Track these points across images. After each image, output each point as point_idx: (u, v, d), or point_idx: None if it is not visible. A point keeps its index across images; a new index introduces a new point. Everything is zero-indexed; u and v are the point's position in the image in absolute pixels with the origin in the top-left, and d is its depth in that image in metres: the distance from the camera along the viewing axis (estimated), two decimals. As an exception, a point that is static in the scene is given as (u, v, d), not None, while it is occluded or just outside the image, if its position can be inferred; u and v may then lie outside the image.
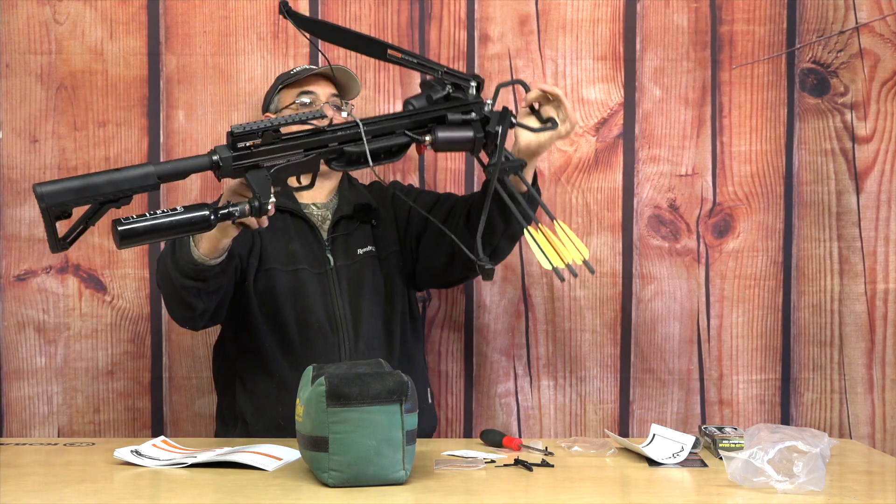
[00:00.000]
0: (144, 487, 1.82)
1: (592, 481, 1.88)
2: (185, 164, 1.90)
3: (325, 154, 1.95)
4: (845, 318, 2.69)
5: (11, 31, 2.62)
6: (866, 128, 2.69)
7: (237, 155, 1.88)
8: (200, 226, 1.85)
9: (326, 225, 2.39)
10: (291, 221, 2.37)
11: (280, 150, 1.90)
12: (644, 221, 2.70)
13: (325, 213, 2.41)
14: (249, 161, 1.88)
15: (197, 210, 1.84)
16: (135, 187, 1.83)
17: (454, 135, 1.96)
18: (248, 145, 1.88)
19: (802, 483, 1.75)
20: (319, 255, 2.34)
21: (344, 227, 2.38)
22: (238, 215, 1.86)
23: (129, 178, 1.83)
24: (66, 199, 1.81)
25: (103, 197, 1.82)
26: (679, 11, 2.68)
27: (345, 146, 1.95)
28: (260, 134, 1.88)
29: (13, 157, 2.64)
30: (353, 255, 2.36)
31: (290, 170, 1.92)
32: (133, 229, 1.81)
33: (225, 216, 1.86)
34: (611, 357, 2.69)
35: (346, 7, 2.66)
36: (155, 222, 1.82)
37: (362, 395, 1.75)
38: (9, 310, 2.63)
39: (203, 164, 1.88)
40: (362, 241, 2.38)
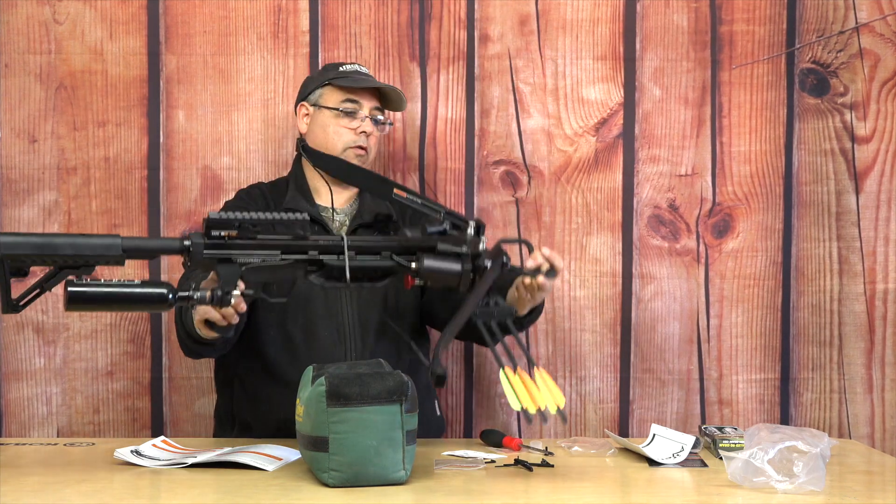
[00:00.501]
0: (144, 487, 1.82)
1: (592, 481, 1.88)
2: (155, 244, 1.86)
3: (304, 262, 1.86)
4: (845, 318, 2.70)
5: (11, 30, 2.62)
6: (866, 128, 2.69)
7: (210, 244, 1.80)
8: (156, 304, 1.75)
9: (344, 230, 2.37)
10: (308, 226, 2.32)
11: (256, 247, 1.83)
12: (644, 221, 2.70)
13: (342, 219, 2.39)
14: (221, 252, 1.81)
15: (155, 287, 1.75)
16: (97, 256, 1.75)
17: (441, 265, 1.86)
18: (222, 235, 1.81)
19: (802, 483, 1.75)
20: None
21: (361, 235, 2.32)
22: (197, 301, 1.77)
23: (93, 245, 1.75)
24: (23, 253, 1.72)
25: (62, 260, 1.74)
26: (679, 11, 2.68)
27: (324, 257, 1.86)
28: (236, 225, 1.81)
29: (12, 158, 2.64)
30: None
31: (265, 273, 1.84)
32: (82, 293, 1.71)
33: (182, 299, 1.76)
34: (611, 357, 2.69)
35: (346, 7, 2.66)
36: (107, 291, 1.72)
37: (362, 395, 1.75)
38: (8, 310, 2.63)
39: (173, 247, 1.81)
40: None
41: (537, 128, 2.68)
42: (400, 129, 2.68)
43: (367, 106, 2.38)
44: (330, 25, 2.66)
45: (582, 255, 2.69)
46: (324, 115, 2.38)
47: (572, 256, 2.69)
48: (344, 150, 2.36)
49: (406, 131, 2.68)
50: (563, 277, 2.68)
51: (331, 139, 2.37)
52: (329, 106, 2.37)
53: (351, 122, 2.37)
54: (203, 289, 1.78)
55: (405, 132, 2.68)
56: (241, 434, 2.28)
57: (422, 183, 2.68)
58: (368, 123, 2.37)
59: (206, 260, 1.81)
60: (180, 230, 2.65)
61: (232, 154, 2.66)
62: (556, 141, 2.69)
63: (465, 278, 1.86)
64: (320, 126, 2.39)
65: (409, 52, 2.67)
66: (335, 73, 2.41)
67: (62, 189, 2.64)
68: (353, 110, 2.37)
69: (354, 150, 2.36)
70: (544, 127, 2.68)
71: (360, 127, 2.36)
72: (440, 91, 2.68)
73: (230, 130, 2.66)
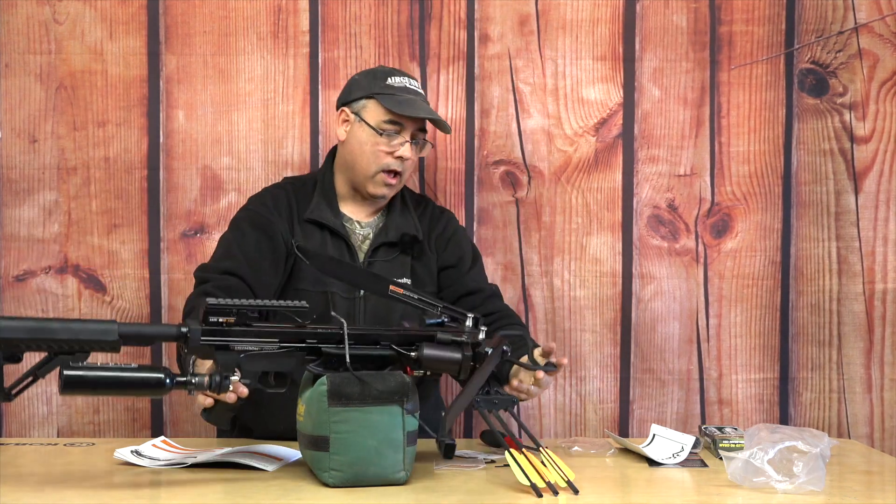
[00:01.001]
0: (144, 487, 1.81)
1: (592, 481, 1.88)
2: (151, 330, 1.84)
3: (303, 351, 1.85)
4: (844, 318, 2.70)
5: (11, 30, 2.62)
6: (865, 128, 2.69)
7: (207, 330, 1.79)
8: (153, 390, 1.74)
9: (366, 245, 2.31)
10: (330, 238, 2.29)
11: (254, 334, 1.82)
12: (643, 221, 2.70)
13: (366, 233, 2.33)
14: (219, 340, 1.80)
15: (152, 372, 1.73)
16: (92, 341, 1.72)
17: (441, 354, 1.86)
18: (220, 321, 1.80)
19: (802, 483, 1.75)
20: None
21: (383, 254, 2.30)
22: (195, 387, 1.76)
23: (88, 330, 1.72)
24: (16, 337, 1.70)
25: (57, 345, 1.71)
26: (678, 12, 2.69)
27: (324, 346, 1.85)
28: (234, 312, 1.80)
29: (12, 157, 2.64)
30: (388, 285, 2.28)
31: (264, 362, 1.83)
32: (78, 378, 1.69)
33: (180, 385, 1.75)
34: (611, 357, 2.70)
35: (346, 7, 2.66)
36: (103, 375, 1.70)
37: (364, 395, 1.75)
38: (8, 310, 2.63)
39: (170, 333, 1.79)
40: (399, 271, 2.29)
41: (537, 128, 2.68)
42: (400, 129, 2.68)
43: (411, 128, 2.28)
44: (330, 25, 2.66)
45: (582, 255, 2.69)
46: (364, 130, 2.28)
47: (572, 256, 2.69)
48: (376, 173, 2.28)
49: (406, 131, 2.68)
50: (563, 277, 2.69)
51: (366, 158, 2.28)
52: (370, 123, 2.27)
53: (390, 142, 2.26)
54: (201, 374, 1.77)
55: (405, 132, 2.68)
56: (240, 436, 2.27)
57: (422, 183, 2.68)
58: (408, 148, 2.27)
59: (204, 347, 1.80)
60: (180, 230, 2.65)
61: (232, 154, 2.66)
62: (555, 141, 2.69)
63: (464, 366, 1.86)
64: (357, 140, 2.29)
65: (409, 52, 2.67)
66: (383, 85, 2.30)
67: (62, 189, 2.64)
68: (397, 131, 2.27)
69: (386, 175, 2.27)
70: (544, 127, 2.68)
71: (399, 151, 2.26)
72: (440, 91, 2.68)
73: (230, 130, 2.66)
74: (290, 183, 2.39)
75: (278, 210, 2.30)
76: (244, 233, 2.28)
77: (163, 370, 1.74)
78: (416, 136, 2.30)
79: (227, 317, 1.80)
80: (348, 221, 2.33)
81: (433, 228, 2.39)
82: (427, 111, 2.29)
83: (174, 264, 2.65)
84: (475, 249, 2.47)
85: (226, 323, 1.80)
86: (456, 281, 2.36)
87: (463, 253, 2.40)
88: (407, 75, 2.35)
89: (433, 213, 2.42)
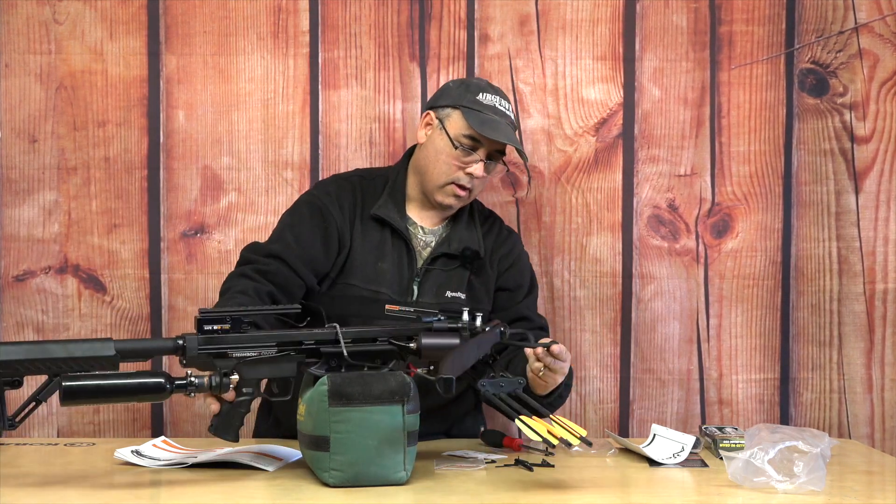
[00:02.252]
0: (144, 487, 1.82)
1: (592, 481, 1.88)
2: (149, 344, 1.87)
3: (301, 353, 1.86)
4: (844, 318, 2.70)
5: (11, 30, 2.62)
6: (865, 128, 2.69)
7: (204, 338, 1.81)
8: (154, 394, 1.77)
9: (426, 252, 2.27)
10: (391, 238, 2.25)
11: (250, 339, 1.84)
12: (643, 221, 2.70)
13: (428, 240, 2.29)
14: (216, 348, 1.82)
15: (151, 377, 1.77)
16: (90, 358, 1.75)
17: (439, 341, 1.86)
18: (215, 329, 1.82)
19: (803, 483, 1.75)
20: (406, 284, 2.23)
21: (442, 264, 2.26)
22: (195, 389, 1.79)
23: (85, 349, 1.75)
24: (15, 359, 1.73)
25: (56, 366, 1.73)
26: (678, 12, 2.69)
27: (322, 346, 1.85)
28: (228, 320, 1.82)
29: (13, 157, 2.64)
30: (441, 295, 2.23)
31: (264, 368, 1.84)
32: (78, 388, 1.73)
33: (180, 387, 1.78)
34: (611, 357, 2.69)
35: (346, 7, 2.66)
36: (102, 384, 1.74)
37: (364, 395, 1.75)
38: (8, 310, 2.63)
39: (167, 347, 1.82)
40: (455, 284, 2.26)
41: (537, 128, 2.68)
42: (400, 129, 2.68)
43: (489, 147, 2.23)
44: (330, 25, 2.66)
45: (582, 255, 2.69)
46: (443, 139, 2.24)
47: (572, 256, 2.69)
48: (446, 183, 2.24)
49: (406, 131, 2.68)
50: (563, 277, 2.69)
51: (438, 168, 2.24)
52: (450, 133, 2.23)
53: (465, 157, 2.22)
54: (200, 375, 1.79)
55: (405, 132, 2.68)
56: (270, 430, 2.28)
57: (422, 183, 2.69)
58: (481, 167, 2.22)
59: (202, 357, 1.81)
60: (180, 230, 2.65)
61: (232, 154, 2.66)
62: (556, 141, 2.69)
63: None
64: (434, 147, 2.26)
65: (409, 52, 2.67)
66: (472, 99, 2.26)
67: (62, 189, 2.64)
68: (472, 148, 2.23)
69: (455, 187, 2.24)
70: (544, 127, 2.68)
71: (470, 168, 2.22)
72: (440, 91, 2.67)
73: (230, 130, 2.66)
74: (359, 176, 2.35)
75: (340, 201, 2.27)
76: (301, 217, 2.26)
77: (162, 374, 1.76)
78: (494, 156, 2.26)
79: (221, 324, 1.82)
80: (412, 225, 2.29)
81: (498, 248, 2.35)
82: (507, 136, 2.23)
83: (174, 264, 2.65)
84: (533, 278, 2.42)
85: (220, 329, 1.81)
86: (509, 305, 2.33)
87: (522, 279, 2.37)
88: (501, 94, 2.30)
89: (500, 232, 2.39)
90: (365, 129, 2.68)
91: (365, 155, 2.67)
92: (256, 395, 1.85)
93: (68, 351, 1.74)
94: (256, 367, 1.84)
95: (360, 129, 2.67)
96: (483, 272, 2.30)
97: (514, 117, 2.34)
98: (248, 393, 1.84)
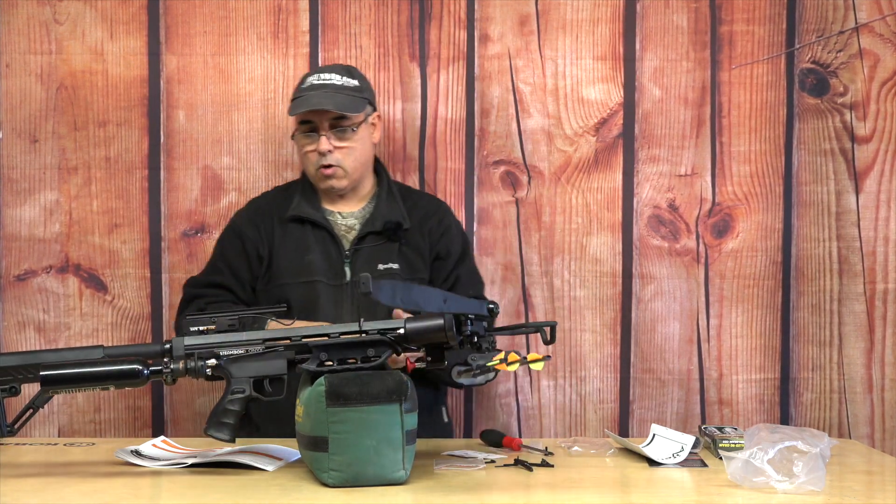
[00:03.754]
0: (144, 487, 1.82)
1: (592, 481, 1.88)
2: (137, 349, 1.91)
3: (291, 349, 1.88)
4: (844, 318, 2.70)
5: (11, 31, 2.63)
6: (866, 128, 2.69)
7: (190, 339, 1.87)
8: (130, 380, 1.82)
9: (351, 235, 2.39)
10: (311, 232, 2.38)
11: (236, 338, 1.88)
12: (644, 221, 2.70)
13: (352, 223, 2.41)
14: (203, 346, 1.87)
15: (127, 363, 1.82)
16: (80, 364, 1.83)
17: (424, 324, 1.86)
18: (201, 329, 1.88)
19: (802, 483, 1.75)
20: (337, 268, 2.35)
21: (370, 241, 2.37)
22: (171, 374, 1.83)
23: (77, 354, 1.86)
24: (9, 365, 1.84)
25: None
26: (679, 11, 2.69)
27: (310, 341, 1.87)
28: (214, 320, 1.89)
29: (13, 157, 2.64)
30: (374, 269, 2.33)
31: (253, 365, 1.87)
32: (55, 376, 1.81)
33: (155, 373, 1.83)
34: (611, 357, 2.70)
35: (346, 7, 2.66)
36: (80, 371, 1.81)
37: (362, 395, 1.75)
38: (9, 310, 2.64)
39: (154, 351, 1.88)
40: (386, 256, 2.36)
41: (537, 128, 2.68)
42: (400, 129, 2.68)
43: (324, 120, 2.36)
44: (330, 25, 2.67)
45: (582, 255, 2.69)
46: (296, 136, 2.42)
47: (572, 256, 2.69)
48: (315, 172, 2.38)
49: (406, 131, 2.68)
50: (563, 277, 2.69)
51: (305, 163, 2.43)
52: (294, 131, 2.41)
53: (311, 143, 2.37)
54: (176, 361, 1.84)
55: (405, 132, 2.68)
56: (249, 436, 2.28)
57: (422, 183, 2.68)
58: (325, 142, 2.35)
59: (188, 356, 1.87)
60: (181, 230, 2.66)
61: (232, 154, 2.66)
62: (556, 141, 2.69)
63: (449, 328, 1.84)
64: (296, 146, 2.45)
65: (409, 52, 2.67)
66: (297, 90, 2.41)
67: (63, 189, 2.64)
68: (312, 129, 2.37)
69: (322, 170, 2.37)
70: (544, 127, 2.68)
71: (318, 147, 2.35)
72: (440, 91, 2.68)
73: (230, 130, 2.67)
74: (275, 189, 2.53)
75: (255, 220, 2.42)
76: (223, 246, 2.44)
77: (139, 361, 1.82)
78: (336, 125, 2.36)
79: (207, 325, 1.89)
80: (330, 214, 2.40)
81: (427, 219, 2.44)
82: (312, 103, 2.32)
83: (175, 264, 2.65)
84: (466, 246, 2.50)
85: (207, 330, 1.88)
86: (444, 272, 2.42)
87: (453, 247, 2.45)
88: (327, 69, 2.42)
89: (428, 203, 2.49)
90: (365, 129, 2.67)
91: (365, 155, 2.67)
92: (249, 393, 1.86)
93: (61, 358, 1.83)
94: (245, 364, 1.87)
95: (361, 129, 2.67)
96: (414, 242, 2.40)
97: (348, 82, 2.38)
98: (239, 391, 1.86)
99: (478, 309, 1.86)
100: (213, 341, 1.88)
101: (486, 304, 1.87)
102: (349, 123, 2.36)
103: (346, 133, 2.36)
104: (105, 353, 1.85)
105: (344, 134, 2.36)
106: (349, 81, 2.38)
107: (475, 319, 1.87)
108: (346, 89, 2.37)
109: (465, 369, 1.84)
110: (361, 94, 2.39)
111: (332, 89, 2.36)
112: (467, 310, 1.85)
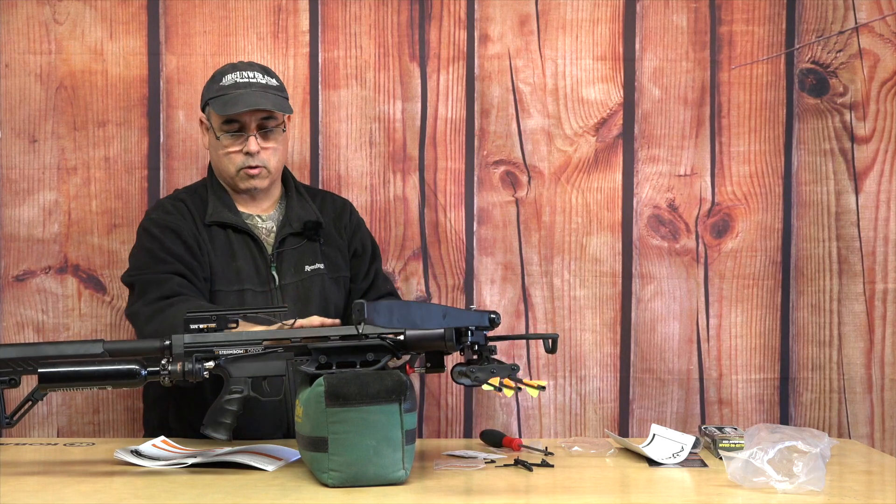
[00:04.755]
0: (144, 487, 1.81)
1: (592, 481, 1.88)
2: (137, 345, 1.91)
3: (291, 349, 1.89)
4: (844, 318, 2.70)
5: (11, 30, 2.62)
6: (865, 128, 2.69)
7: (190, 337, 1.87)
8: (128, 380, 1.82)
9: (272, 238, 2.34)
10: (234, 236, 2.32)
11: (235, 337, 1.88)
12: (643, 221, 2.70)
13: (269, 226, 2.36)
14: (202, 344, 1.87)
15: (126, 363, 1.82)
16: (80, 356, 1.84)
17: (424, 332, 1.86)
18: (200, 328, 1.88)
19: (802, 483, 1.75)
20: (264, 273, 2.31)
21: (291, 244, 2.34)
22: (169, 375, 1.82)
23: (76, 348, 1.86)
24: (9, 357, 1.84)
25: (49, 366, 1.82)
26: (678, 11, 2.69)
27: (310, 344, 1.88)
28: (213, 318, 1.88)
29: (12, 157, 2.64)
30: (301, 271, 2.32)
31: (253, 365, 1.88)
32: (53, 373, 1.81)
33: (154, 374, 1.83)
34: (611, 357, 2.70)
35: (346, 7, 2.66)
36: (78, 370, 1.81)
37: (361, 395, 1.75)
38: (8, 310, 2.63)
39: (154, 347, 1.88)
40: (310, 257, 2.34)
41: (537, 128, 2.68)
42: (400, 130, 2.68)
43: (252, 120, 2.29)
44: (330, 25, 2.67)
45: (582, 255, 2.69)
46: (212, 135, 2.33)
47: (572, 256, 2.69)
48: (237, 172, 2.31)
49: (406, 131, 2.68)
50: (563, 277, 2.69)
51: (223, 162, 2.32)
52: (214, 128, 2.31)
53: (235, 143, 2.30)
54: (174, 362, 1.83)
55: (405, 132, 2.68)
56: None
57: (422, 183, 2.68)
58: (253, 142, 2.29)
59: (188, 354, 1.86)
60: (180, 230, 2.65)
61: (232, 154, 2.66)
62: (555, 141, 2.69)
63: (449, 337, 1.84)
64: (212, 147, 2.35)
65: (409, 52, 2.67)
66: (216, 88, 2.32)
67: (62, 189, 2.64)
68: (237, 130, 2.30)
69: (247, 170, 2.30)
70: (544, 127, 2.68)
71: (246, 147, 2.29)
72: (440, 91, 2.68)
73: (230, 130, 2.66)
74: (183, 192, 2.40)
75: (182, 214, 2.31)
76: (154, 238, 2.28)
77: (136, 361, 1.81)
78: (264, 124, 2.30)
79: (207, 322, 1.87)
80: (248, 218, 2.36)
81: (339, 217, 2.43)
82: (248, 103, 2.26)
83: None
84: (374, 244, 2.49)
85: (206, 328, 1.87)
86: (362, 270, 2.42)
87: (366, 242, 2.46)
88: (247, 67, 2.34)
89: (334, 201, 2.47)
90: (365, 129, 2.68)
91: (365, 155, 2.67)
92: (247, 393, 1.87)
93: (60, 351, 1.84)
94: (244, 364, 1.87)
95: (360, 129, 2.68)
96: (333, 240, 2.39)
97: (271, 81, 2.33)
98: (238, 391, 1.86)
99: (479, 321, 1.85)
100: (213, 340, 1.88)
101: (487, 315, 1.86)
102: (276, 124, 2.32)
103: (273, 133, 2.32)
104: (105, 347, 1.85)
105: (271, 134, 2.31)
106: (271, 81, 2.34)
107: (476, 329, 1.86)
108: (272, 88, 2.32)
109: (464, 373, 1.83)
110: (284, 94, 2.36)
111: (260, 88, 2.30)
112: (468, 323, 1.84)
